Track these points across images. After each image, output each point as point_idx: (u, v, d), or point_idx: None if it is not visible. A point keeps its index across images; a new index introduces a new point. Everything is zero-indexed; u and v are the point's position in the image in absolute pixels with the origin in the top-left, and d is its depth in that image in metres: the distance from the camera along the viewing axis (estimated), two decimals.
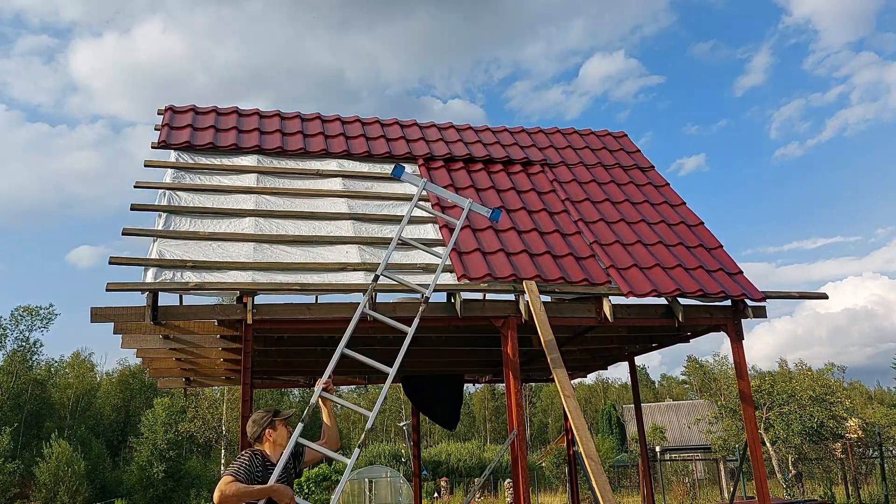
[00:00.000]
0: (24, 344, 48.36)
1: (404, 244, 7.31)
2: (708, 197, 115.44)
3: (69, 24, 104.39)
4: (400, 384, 11.14)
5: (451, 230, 7.54)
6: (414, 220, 7.76)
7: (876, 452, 19.94)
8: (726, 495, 22.87)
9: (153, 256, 6.26)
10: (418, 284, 6.72)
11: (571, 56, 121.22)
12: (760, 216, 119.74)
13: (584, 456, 5.64)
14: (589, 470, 5.59)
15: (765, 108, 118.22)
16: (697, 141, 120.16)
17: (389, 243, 7.25)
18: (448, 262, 6.99)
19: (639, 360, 10.36)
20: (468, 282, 6.72)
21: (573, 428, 5.84)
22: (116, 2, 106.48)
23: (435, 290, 6.84)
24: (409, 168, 8.77)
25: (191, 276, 6.10)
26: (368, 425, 4.67)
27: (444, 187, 8.37)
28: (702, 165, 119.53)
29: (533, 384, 47.61)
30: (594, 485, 5.50)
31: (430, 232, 7.60)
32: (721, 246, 8.20)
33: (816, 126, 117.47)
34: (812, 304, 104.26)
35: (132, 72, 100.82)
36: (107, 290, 5.73)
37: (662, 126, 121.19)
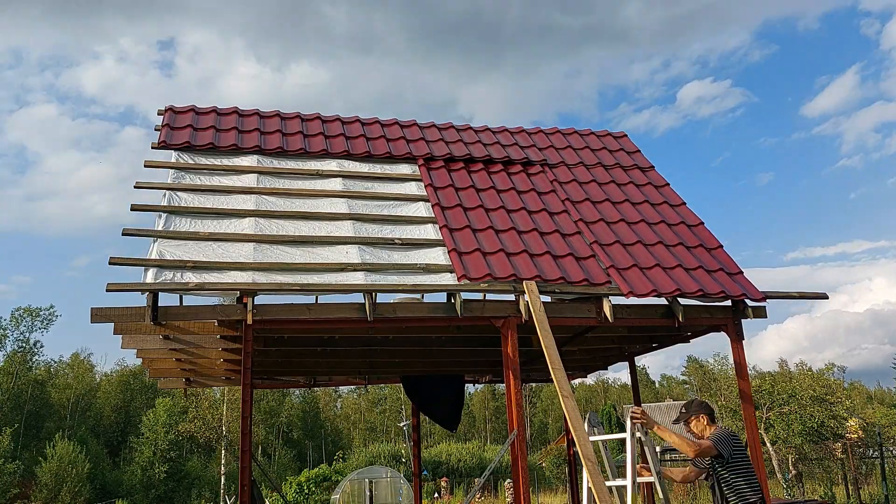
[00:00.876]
0: (24, 345, 48.40)
1: (405, 244, 7.32)
2: (774, 203, 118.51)
3: (233, 53, 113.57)
4: (400, 384, 11.15)
5: (451, 230, 7.54)
6: (414, 221, 7.76)
7: (876, 452, 19.94)
8: None
9: (153, 257, 6.27)
10: (418, 285, 6.75)
11: (675, 84, 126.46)
12: (814, 221, 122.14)
13: (581, 456, 5.65)
14: (586, 470, 5.59)
15: (839, 122, 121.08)
16: (773, 154, 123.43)
17: (390, 243, 7.26)
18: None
19: (639, 361, 10.37)
20: (468, 282, 6.71)
21: (571, 428, 5.85)
22: (276, 38, 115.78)
23: (435, 291, 6.87)
24: (408, 168, 8.78)
25: (191, 277, 6.10)
26: None
27: (444, 188, 8.37)
28: (774, 177, 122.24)
29: (533, 384, 47.60)
30: (591, 485, 5.50)
31: (431, 232, 7.60)
32: (721, 246, 8.20)
33: (886, 138, 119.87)
34: (837, 305, 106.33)
35: (280, 98, 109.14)
36: (107, 290, 5.74)
37: (743, 140, 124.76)
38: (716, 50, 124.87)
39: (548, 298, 7.02)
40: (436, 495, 32.58)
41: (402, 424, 35.70)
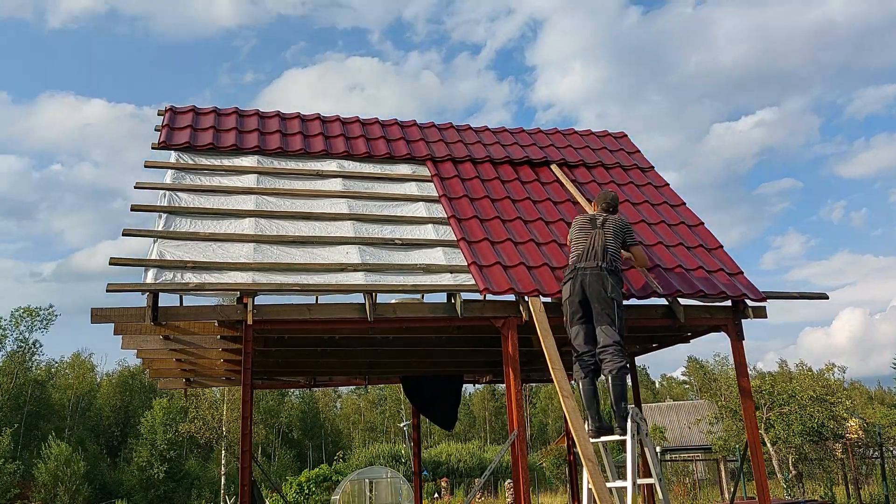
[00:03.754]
0: (23, 345, 48.35)
1: (405, 244, 7.31)
2: None
3: None
4: (400, 384, 11.14)
5: (469, 243, 7.36)
6: (413, 221, 7.76)
7: (876, 452, 19.94)
8: (727, 495, 22.87)
9: (153, 257, 6.26)
10: (418, 285, 6.74)
11: None
12: None
13: (581, 457, 5.65)
14: (586, 471, 5.59)
15: None
16: None
17: (390, 244, 7.25)
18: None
19: (638, 361, 10.37)
20: (491, 296, 6.67)
21: (571, 429, 5.85)
22: None
23: (435, 291, 6.85)
24: (409, 168, 8.77)
25: (191, 277, 6.10)
26: None
27: (459, 198, 8.26)
28: None
29: (533, 384, 47.59)
30: (591, 486, 5.50)
31: (430, 232, 7.60)
32: (721, 246, 8.19)
33: None
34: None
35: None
36: (107, 290, 5.73)
37: None
38: None
39: (548, 299, 7.02)
40: (436, 495, 32.60)
41: (402, 425, 35.69)
